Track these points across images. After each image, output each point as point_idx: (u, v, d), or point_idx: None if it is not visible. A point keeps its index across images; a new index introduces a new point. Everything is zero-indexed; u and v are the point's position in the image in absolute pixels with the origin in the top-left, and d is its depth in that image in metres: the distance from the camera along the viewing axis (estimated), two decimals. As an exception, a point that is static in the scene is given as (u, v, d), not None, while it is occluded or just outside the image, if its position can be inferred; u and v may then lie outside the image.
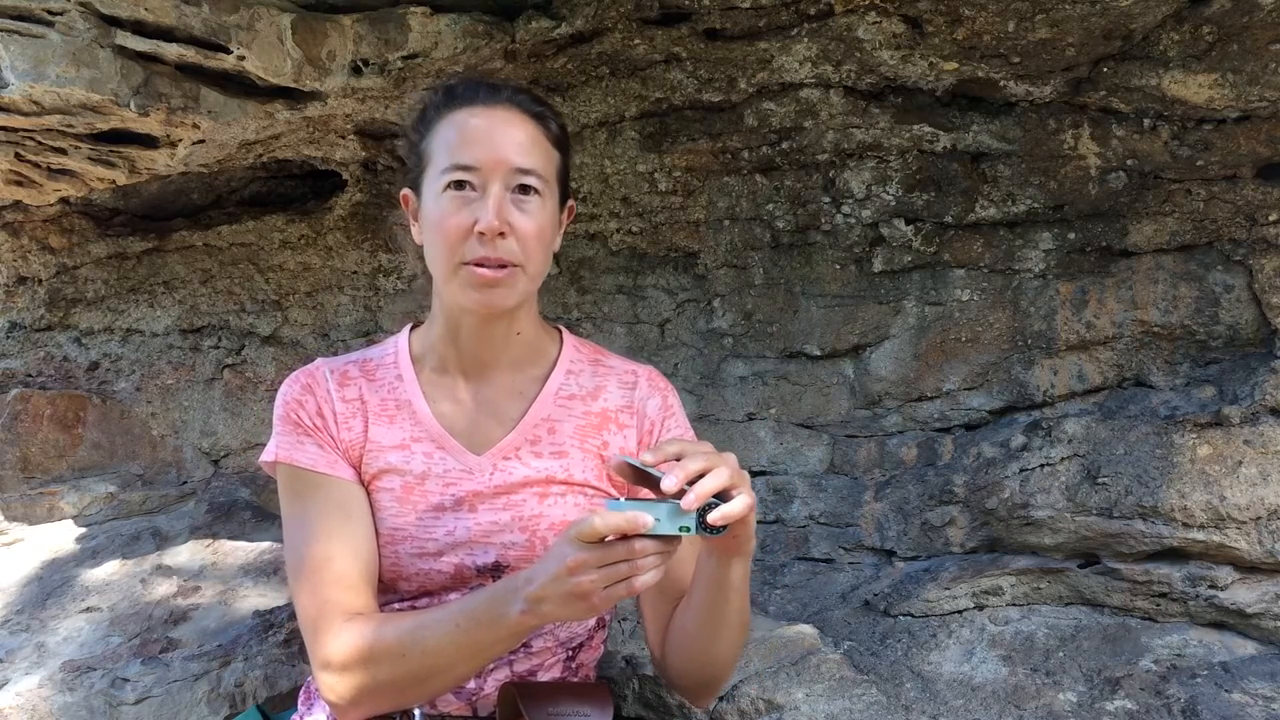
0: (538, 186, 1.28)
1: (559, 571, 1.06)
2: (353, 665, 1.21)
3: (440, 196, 1.27)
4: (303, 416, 1.34)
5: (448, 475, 1.33)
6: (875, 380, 2.23)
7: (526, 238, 1.26)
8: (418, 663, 1.19)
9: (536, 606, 1.10)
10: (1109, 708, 1.71)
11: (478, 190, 1.25)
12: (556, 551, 1.08)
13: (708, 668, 1.33)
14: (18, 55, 1.72)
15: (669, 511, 1.05)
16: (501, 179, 1.25)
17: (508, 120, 1.29)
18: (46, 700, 1.91)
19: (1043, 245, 2.11)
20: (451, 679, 1.23)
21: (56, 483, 2.66)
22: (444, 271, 1.29)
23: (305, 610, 1.26)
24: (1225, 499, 1.80)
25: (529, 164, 1.27)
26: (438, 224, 1.27)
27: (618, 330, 2.42)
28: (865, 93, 2.13)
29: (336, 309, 2.64)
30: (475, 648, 1.18)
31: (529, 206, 1.27)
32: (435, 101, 1.34)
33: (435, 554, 1.31)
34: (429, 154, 1.31)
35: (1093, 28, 1.86)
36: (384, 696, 1.22)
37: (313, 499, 1.31)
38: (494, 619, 1.14)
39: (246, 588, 2.25)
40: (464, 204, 1.25)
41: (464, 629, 1.17)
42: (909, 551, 2.13)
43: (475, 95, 1.31)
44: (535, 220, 1.27)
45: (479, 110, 1.29)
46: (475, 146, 1.26)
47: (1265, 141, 1.92)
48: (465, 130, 1.28)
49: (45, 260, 2.79)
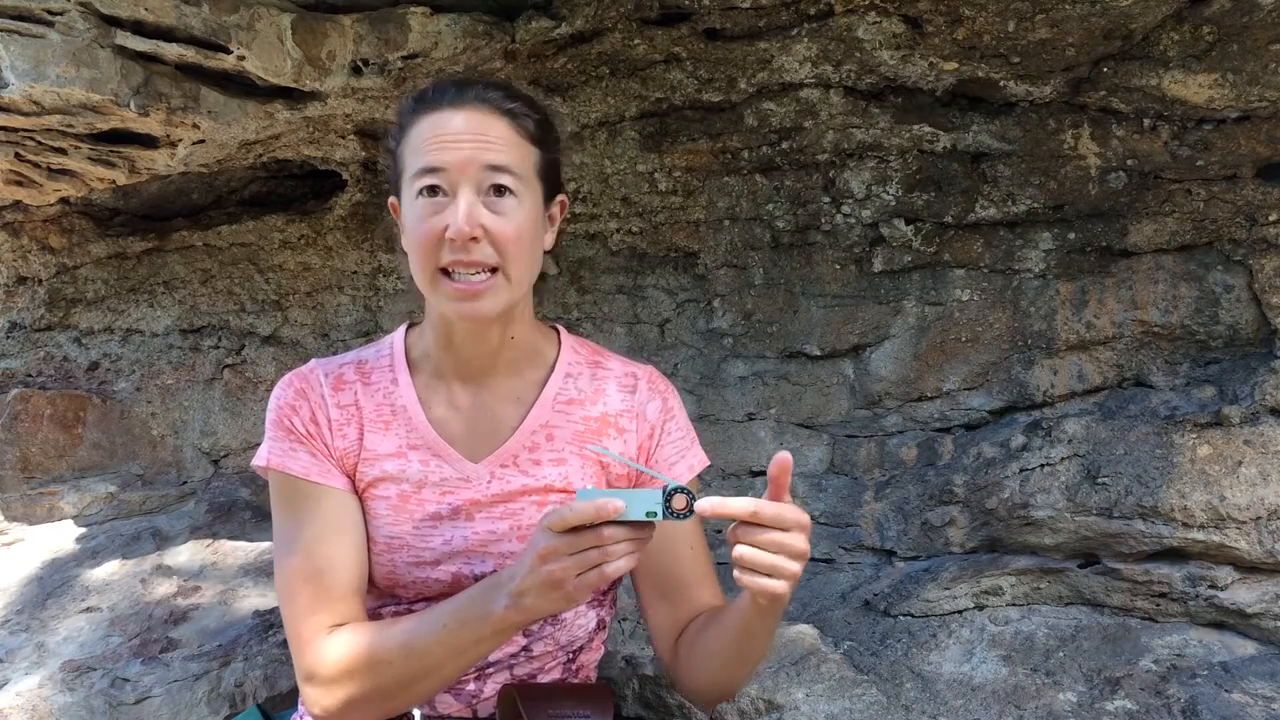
0: (511, 185, 1.23)
1: (532, 562, 1.07)
2: (338, 678, 1.20)
3: (414, 203, 1.24)
4: (296, 423, 1.31)
5: (445, 484, 1.32)
6: (875, 380, 2.23)
7: (504, 240, 1.22)
8: (404, 667, 1.18)
9: (519, 600, 1.10)
10: (1109, 708, 1.71)
11: (449, 194, 1.22)
12: (531, 543, 1.09)
13: (725, 686, 1.34)
14: (18, 55, 1.72)
15: (639, 498, 1.06)
16: (472, 181, 1.21)
17: (476, 119, 1.24)
18: (46, 700, 1.91)
19: (1043, 245, 2.11)
20: (439, 681, 1.22)
21: (56, 483, 2.66)
22: (424, 281, 1.26)
23: (291, 621, 1.26)
24: (1225, 499, 1.80)
25: (500, 161, 1.23)
26: (412, 230, 1.24)
27: (618, 330, 2.42)
28: (865, 93, 2.13)
29: (336, 309, 2.64)
30: (462, 647, 1.17)
31: (504, 207, 1.23)
32: (407, 107, 1.30)
33: (432, 563, 1.30)
34: (403, 160, 1.28)
35: (1093, 28, 1.86)
36: (370, 705, 1.21)
37: (303, 508, 1.30)
38: (479, 617, 1.15)
39: (246, 588, 2.25)
40: (435, 210, 1.22)
41: (450, 629, 1.16)
42: (909, 551, 2.13)
43: (443, 97, 1.27)
44: (512, 221, 1.23)
45: (446, 112, 1.25)
46: (442, 149, 1.22)
47: (1265, 141, 1.92)
48: (432, 133, 1.24)
49: (45, 260, 2.79)
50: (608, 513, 1.04)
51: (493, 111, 1.26)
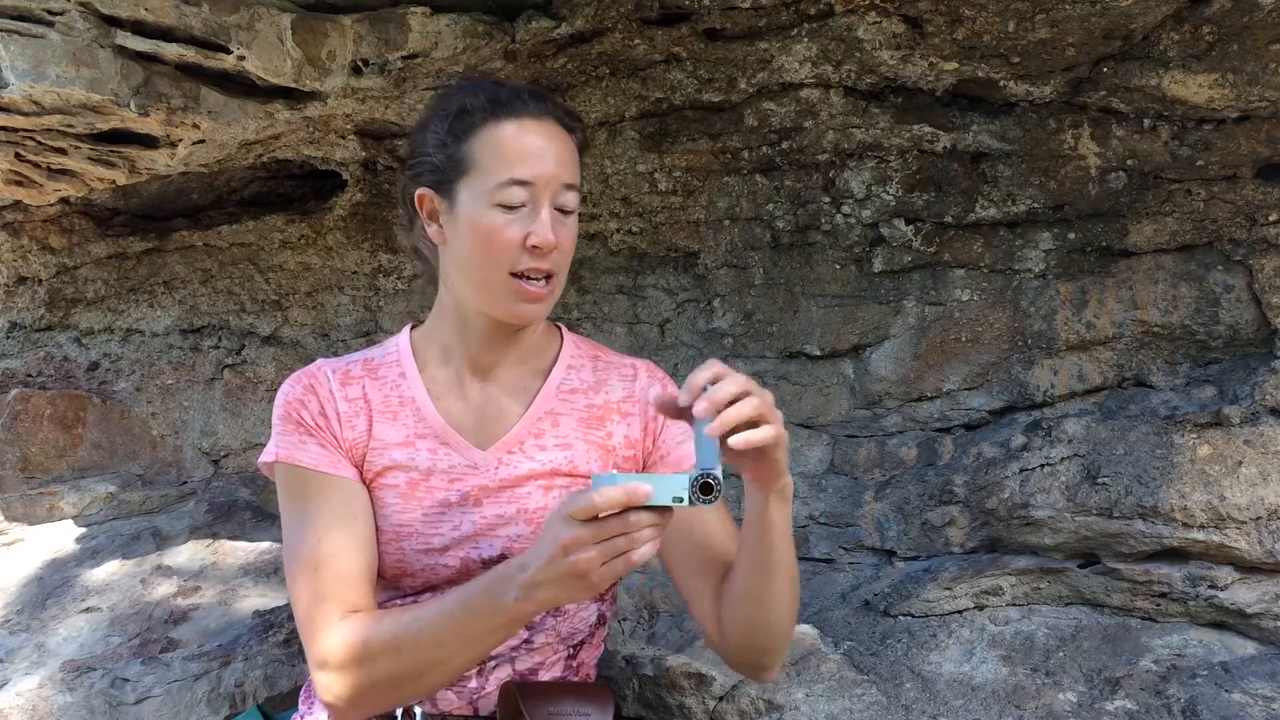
0: (576, 203, 1.32)
1: (554, 553, 1.04)
2: (349, 663, 1.20)
3: (491, 209, 1.27)
4: (305, 416, 1.33)
5: (453, 471, 1.34)
6: (875, 380, 2.23)
7: (567, 250, 1.31)
8: (414, 657, 1.18)
9: (532, 593, 1.08)
10: (1109, 708, 1.71)
11: (527, 205, 1.27)
12: (550, 533, 1.06)
13: (763, 630, 1.29)
14: (18, 55, 1.72)
15: (665, 483, 1.03)
16: (552, 195, 1.28)
17: (555, 135, 1.31)
18: (46, 700, 1.91)
19: (1043, 245, 2.11)
20: (450, 672, 1.22)
21: (56, 483, 2.66)
22: (489, 280, 1.29)
23: (303, 609, 1.26)
24: (1225, 499, 1.80)
25: (573, 180, 1.31)
26: (488, 235, 1.27)
27: (618, 330, 2.42)
28: (865, 93, 2.13)
29: (336, 309, 2.64)
30: (472, 638, 1.17)
31: (569, 221, 1.32)
32: (477, 105, 1.30)
33: (441, 549, 1.31)
34: (471, 160, 1.29)
35: (1093, 28, 1.86)
36: (381, 693, 1.22)
37: (315, 498, 1.31)
38: (491, 609, 1.14)
39: (246, 588, 2.25)
40: (515, 218, 1.27)
41: (460, 620, 1.16)
42: (909, 551, 2.13)
43: (524, 106, 1.30)
44: (572, 234, 1.32)
45: (530, 124, 1.29)
46: (533, 162, 1.27)
47: (1265, 141, 1.92)
48: (521, 144, 1.28)
49: (45, 260, 2.79)
50: (639, 497, 1.01)
51: (565, 129, 1.33)
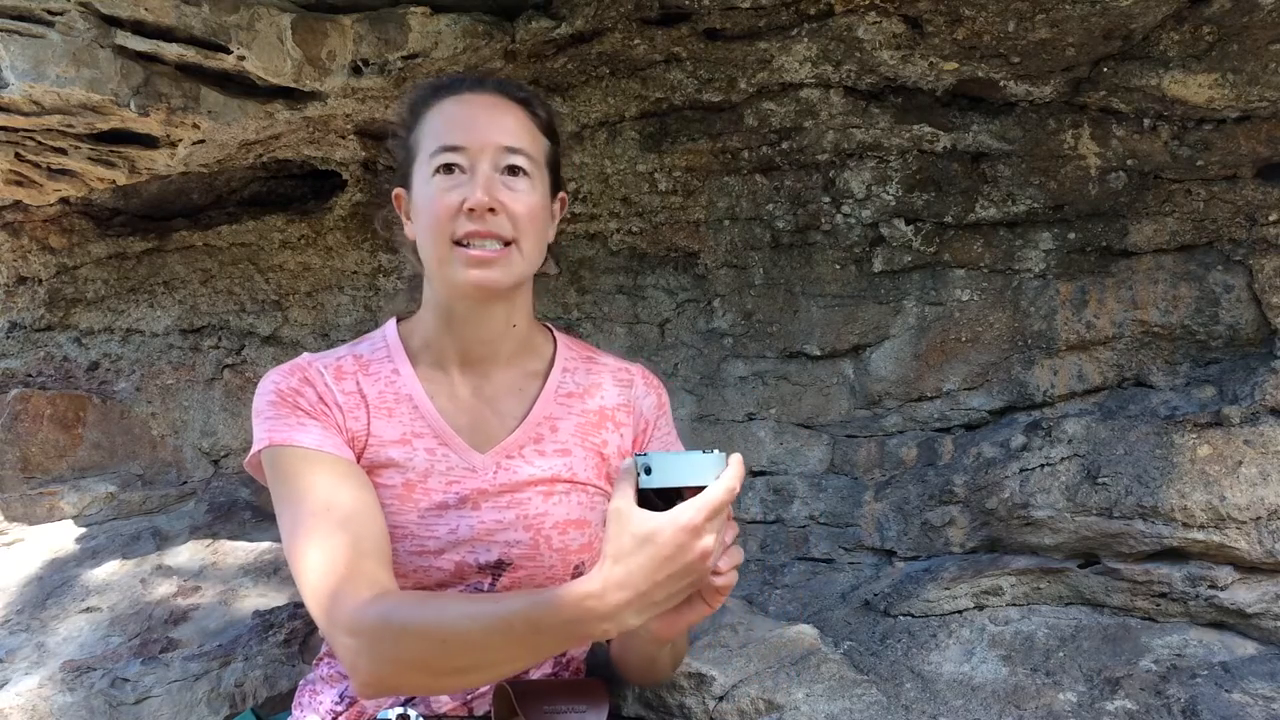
0: (526, 168, 1.29)
1: (678, 570, 0.99)
2: (385, 637, 1.10)
3: (430, 181, 1.28)
4: (302, 403, 1.29)
5: (451, 473, 1.32)
6: (875, 380, 2.23)
7: (518, 215, 1.27)
8: (461, 655, 1.08)
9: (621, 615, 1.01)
10: (1109, 708, 1.70)
11: (466, 172, 1.27)
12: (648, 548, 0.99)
13: (656, 673, 1.49)
14: (18, 55, 1.73)
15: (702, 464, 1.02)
16: (490, 159, 1.27)
17: (494, 105, 1.31)
18: (46, 700, 1.91)
19: (1043, 245, 2.11)
20: (493, 675, 1.16)
21: (56, 483, 2.66)
22: (438, 253, 1.28)
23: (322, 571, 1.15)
24: (1225, 499, 1.79)
25: (516, 144, 1.29)
26: (427, 206, 1.28)
27: (618, 330, 2.42)
28: (865, 93, 2.13)
29: (336, 309, 2.64)
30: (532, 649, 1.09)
31: (518, 185, 1.29)
32: (422, 95, 1.36)
33: (436, 552, 1.30)
34: (416, 145, 1.33)
35: (1093, 28, 1.86)
36: (414, 677, 1.13)
37: (316, 470, 1.23)
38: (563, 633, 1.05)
39: (246, 588, 2.25)
40: (453, 185, 1.27)
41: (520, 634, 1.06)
42: (909, 551, 2.13)
43: (461, 84, 1.34)
44: (525, 200, 1.29)
45: (465, 96, 1.32)
46: (462, 129, 1.28)
47: (1265, 141, 1.92)
48: (452, 115, 1.30)
49: (45, 260, 2.79)
50: (737, 490, 1.02)
51: (509, 99, 1.33)
